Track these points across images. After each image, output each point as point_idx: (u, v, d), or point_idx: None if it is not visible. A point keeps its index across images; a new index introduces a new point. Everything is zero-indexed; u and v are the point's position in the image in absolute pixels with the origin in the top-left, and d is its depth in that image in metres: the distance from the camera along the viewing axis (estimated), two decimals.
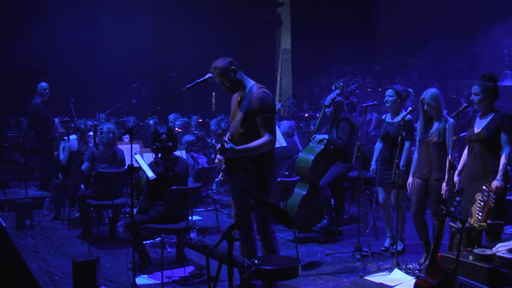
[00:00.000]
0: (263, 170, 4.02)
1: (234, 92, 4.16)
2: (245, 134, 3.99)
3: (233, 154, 3.92)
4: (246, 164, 3.97)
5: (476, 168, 4.40)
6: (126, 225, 5.02)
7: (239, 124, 4.01)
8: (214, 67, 4.04)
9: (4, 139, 11.35)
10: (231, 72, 4.02)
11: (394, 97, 5.44)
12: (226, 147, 3.86)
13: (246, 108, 3.98)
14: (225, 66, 4.00)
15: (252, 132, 3.96)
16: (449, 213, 3.64)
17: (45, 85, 8.61)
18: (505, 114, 4.36)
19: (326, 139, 6.16)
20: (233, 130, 4.07)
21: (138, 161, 5.16)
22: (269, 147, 3.98)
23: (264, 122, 3.94)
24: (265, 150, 3.96)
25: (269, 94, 4.01)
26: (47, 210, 7.77)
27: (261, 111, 3.93)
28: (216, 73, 4.03)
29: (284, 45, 17.86)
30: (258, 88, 4.03)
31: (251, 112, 3.95)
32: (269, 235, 4.09)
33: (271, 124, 3.97)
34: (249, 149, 3.92)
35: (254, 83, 4.10)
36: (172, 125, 9.15)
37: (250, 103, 3.96)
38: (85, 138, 7.28)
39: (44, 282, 4.78)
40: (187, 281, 4.79)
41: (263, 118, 3.93)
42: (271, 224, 4.10)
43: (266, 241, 4.09)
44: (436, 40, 12.50)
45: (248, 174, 3.99)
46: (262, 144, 3.92)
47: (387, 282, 4.68)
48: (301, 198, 6.06)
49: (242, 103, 4.03)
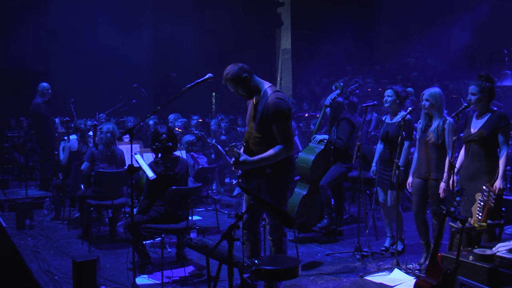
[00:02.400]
0: (281, 175, 3.96)
1: (250, 98, 4.07)
2: (261, 138, 3.93)
3: (248, 166, 3.86)
4: (264, 169, 3.91)
5: (474, 168, 4.42)
6: (126, 225, 5.02)
7: (254, 130, 3.96)
8: (225, 78, 3.94)
9: (4, 139, 11.35)
10: (243, 79, 3.92)
11: (393, 97, 5.45)
12: (240, 160, 3.81)
13: (261, 113, 3.90)
14: (237, 75, 3.90)
15: (267, 136, 3.90)
16: (449, 213, 3.64)
17: (46, 85, 8.58)
18: (502, 115, 4.38)
19: (326, 139, 6.16)
20: (249, 135, 4.02)
21: (138, 161, 5.16)
22: (284, 155, 3.90)
23: (279, 130, 3.86)
24: (280, 158, 3.88)
25: (283, 99, 3.90)
26: (47, 210, 7.77)
27: (276, 118, 3.84)
28: (229, 83, 3.95)
29: (284, 45, 17.86)
30: (273, 93, 3.92)
31: (266, 117, 3.87)
32: (281, 237, 4.07)
33: (286, 132, 3.88)
34: (263, 159, 3.85)
35: (268, 86, 4.01)
36: (172, 125, 9.15)
37: (265, 109, 3.88)
38: (85, 138, 7.28)
39: (44, 282, 4.78)
40: (187, 281, 4.79)
41: (278, 126, 3.85)
42: (284, 227, 4.08)
43: (276, 242, 4.07)
44: (436, 40, 12.51)
45: (267, 179, 3.94)
46: (277, 153, 3.84)
47: (387, 282, 4.68)
48: (301, 198, 6.06)
49: (258, 108, 3.95)
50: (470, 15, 11.52)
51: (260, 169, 3.91)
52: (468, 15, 11.53)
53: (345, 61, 14.51)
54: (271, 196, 3.92)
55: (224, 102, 13.27)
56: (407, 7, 14.41)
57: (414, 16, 13.81)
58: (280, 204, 3.91)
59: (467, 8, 11.65)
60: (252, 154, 3.90)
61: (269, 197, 3.91)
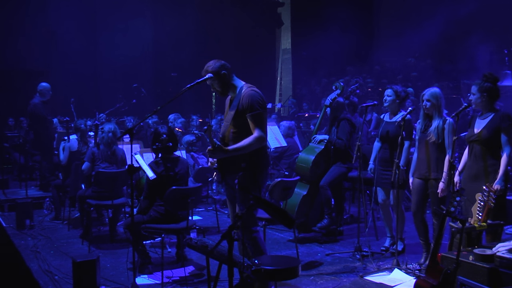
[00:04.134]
0: (255, 169, 4.01)
1: (224, 95, 4.21)
2: (237, 133, 4.00)
3: (222, 154, 3.91)
4: (239, 163, 3.97)
5: (477, 169, 4.41)
6: (126, 225, 5.02)
7: (230, 123, 4.04)
8: (206, 69, 4.08)
9: (4, 139, 11.34)
10: (221, 76, 4.05)
11: (393, 97, 5.45)
12: (216, 147, 3.85)
13: (237, 107, 4.00)
14: (216, 70, 4.04)
15: (243, 130, 3.97)
16: (449, 213, 3.64)
17: (47, 85, 8.53)
18: (505, 115, 4.37)
19: (326, 139, 6.16)
20: (224, 129, 4.09)
21: (138, 161, 5.16)
22: (259, 144, 3.96)
23: (254, 120, 3.95)
24: (255, 148, 3.94)
25: (258, 92, 4.03)
26: (47, 210, 7.77)
27: (250, 109, 3.94)
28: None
29: (284, 45, 17.86)
30: (248, 87, 4.05)
31: (241, 110, 3.97)
32: (252, 235, 4.08)
33: (261, 121, 3.97)
34: (238, 149, 3.91)
35: (244, 84, 4.13)
36: (172, 125, 9.15)
37: (240, 102, 3.99)
38: (85, 138, 7.28)
39: (44, 282, 4.78)
40: (187, 281, 4.79)
41: (253, 116, 3.94)
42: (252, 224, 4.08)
43: (249, 242, 4.08)
44: (436, 40, 12.50)
45: (242, 173, 3.98)
46: (251, 142, 3.91)
47: (387, 282, 4.68)
48: (301, 198, 6.06)
49: (233, 103, 4.07)
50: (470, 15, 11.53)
51: (234, 163, 3.96)
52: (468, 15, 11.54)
53: (345, 61, 14.51)
54: (245, 189, 3.95)
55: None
56: (407, 7, 14.42)
57: (414, 16, 13.80)
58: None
59: (467, 8, 11.65)
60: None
61: (244, 190, 3.95)
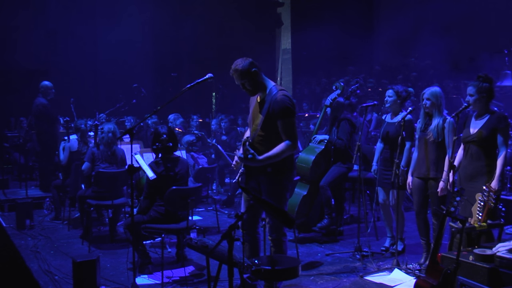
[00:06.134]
0: (282, 174, 3.98)
1: (255, 94, 4.08)
2: (265, 136, 3.95)
3: (255, 163, 3.88)
4: (266, 167, 3.93)
5: (473, 169, 4.42)
6: (126, 225, 5.02)
7: (259, 127, 3.97)
8: (234, 69, 3.95)
9: (4, 139, 11.33)
10: (252, 74, 3.94)
11: (394, 97, 5.45)
12: (248, 157, 3.82)
13: (267, 111, 3.92)
14: (246, 68, 3.92)
15: (272, 134, 3.92)
16: (449, 213, 3.65)
17: (49, 84, 8.49)
18: (501, 116, 4.39)
19: (326, 139, 6.16)
20: (254, 134, 4.02)
21: (138, 161, 5.16)
22: (290, 152, 3.94)
23: (285, 126, 3.89)
24: (287, 155, 3.92)
25: (289, 97, 3.95)
26: (47, 210, 7.77)
27: (282, 115, 3.88)
28: (237, 75, 3.95)
29: (284, 45, 17.83)
30: (279, 91, 3.96)
31: (272, 115, 3.90)
32: (281, 237, 4.08)
33: (292, 128, 3.92)
34: (270, 157, 3.87)
35: (274, 84, 4.04)
36: (172, 125, 9.14)
37: (271, 106, 3.90)
38: (85, 138, 7.28)
39: (44, 282, 4.78)
40: (187, 281, 4.79)
41: (284, 122, 3.89)
42: (284, 227, 4.08)
43: (276, 242, 4.08)
44: (436, 40, 12.50)
45: (267, 178, 3.96)
46: (283, 150, 3.87)
47: (387, 282, 4.68)
48: (301, 198, 6.06)
49: (264, 106, 3.96)
50: (470, 14, 11.53)
51: (261, 167, 3.92)
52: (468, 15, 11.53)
53: (346, 61, 14.50)
54: (271, 195, 3.93)
55: (224, 102, 13.27)
56: (407, 7, 14.40)
57: (414, 16, 13.80)
58: (279, 203, 3.92)
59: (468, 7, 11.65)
60: (256, 152, 3.90)
61: (269, 196, 3.93)
